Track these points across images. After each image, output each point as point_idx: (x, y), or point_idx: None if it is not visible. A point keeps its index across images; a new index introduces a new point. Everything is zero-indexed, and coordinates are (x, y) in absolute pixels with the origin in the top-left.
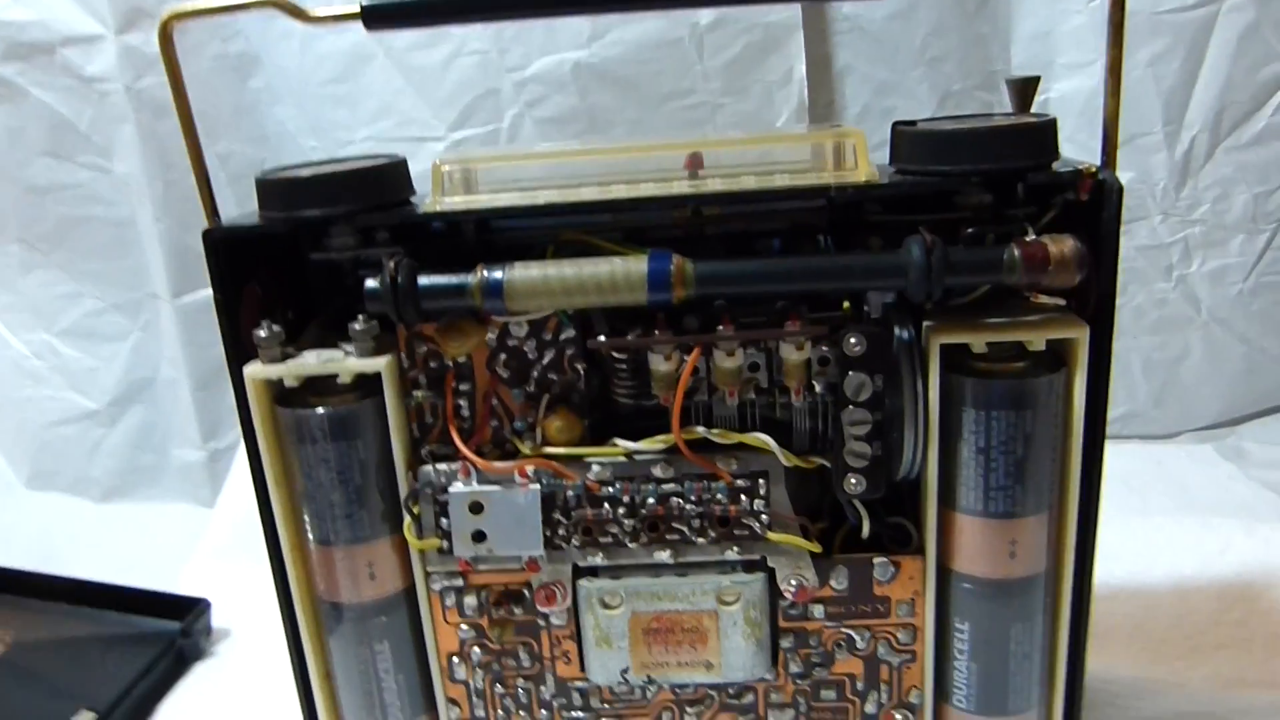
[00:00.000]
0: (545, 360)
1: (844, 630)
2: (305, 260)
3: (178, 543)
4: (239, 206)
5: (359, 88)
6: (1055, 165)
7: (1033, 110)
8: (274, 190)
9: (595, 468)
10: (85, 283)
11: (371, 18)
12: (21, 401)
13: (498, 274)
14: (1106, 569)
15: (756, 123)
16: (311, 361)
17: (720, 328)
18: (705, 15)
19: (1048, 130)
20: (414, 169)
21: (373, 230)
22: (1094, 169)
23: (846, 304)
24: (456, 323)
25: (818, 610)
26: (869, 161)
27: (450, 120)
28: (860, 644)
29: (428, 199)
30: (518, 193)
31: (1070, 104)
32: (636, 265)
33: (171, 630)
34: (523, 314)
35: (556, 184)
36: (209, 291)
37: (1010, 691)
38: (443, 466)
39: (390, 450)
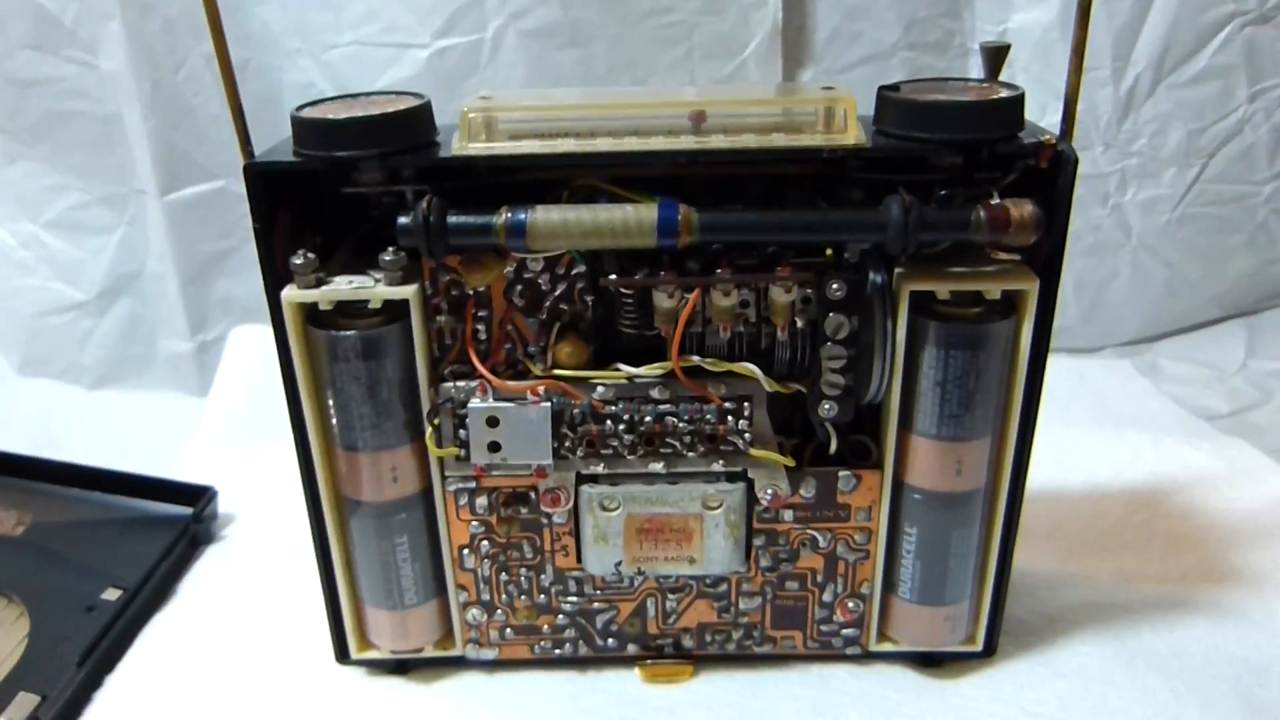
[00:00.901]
0: (557, 292)
1: (809, 532)
2: (327, 190)
3: (169, 429)
4: (221, 106)
5: None
6: (1021, 134)
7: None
8: (311, 130)
9: (600, 389)
10: (70, 176)
11: None
12: (10, 291)
13: (521, 216)
14: (1030, 475)
15: (732, 42)
16: (345, 287)
17: (719, 270)
18: None
19: (1016, 104)
20: (398, 75)
21: (400, 168)
22: (1053, 140)
23: (829, 250)
24: (479, 256)
25: (788, 514)
26: (857, 124)
27: (435, 28)
28: (822, 544)
29: (454, 139)
30: (536, 139)
31: (1027, 35)
32: (648, 213)
33: (183, 515)
34: (541, 252)
35: (573, 133)
36: (196, 189)
37: (948, 585)
38: (461, 384)
39: (414, 368)
